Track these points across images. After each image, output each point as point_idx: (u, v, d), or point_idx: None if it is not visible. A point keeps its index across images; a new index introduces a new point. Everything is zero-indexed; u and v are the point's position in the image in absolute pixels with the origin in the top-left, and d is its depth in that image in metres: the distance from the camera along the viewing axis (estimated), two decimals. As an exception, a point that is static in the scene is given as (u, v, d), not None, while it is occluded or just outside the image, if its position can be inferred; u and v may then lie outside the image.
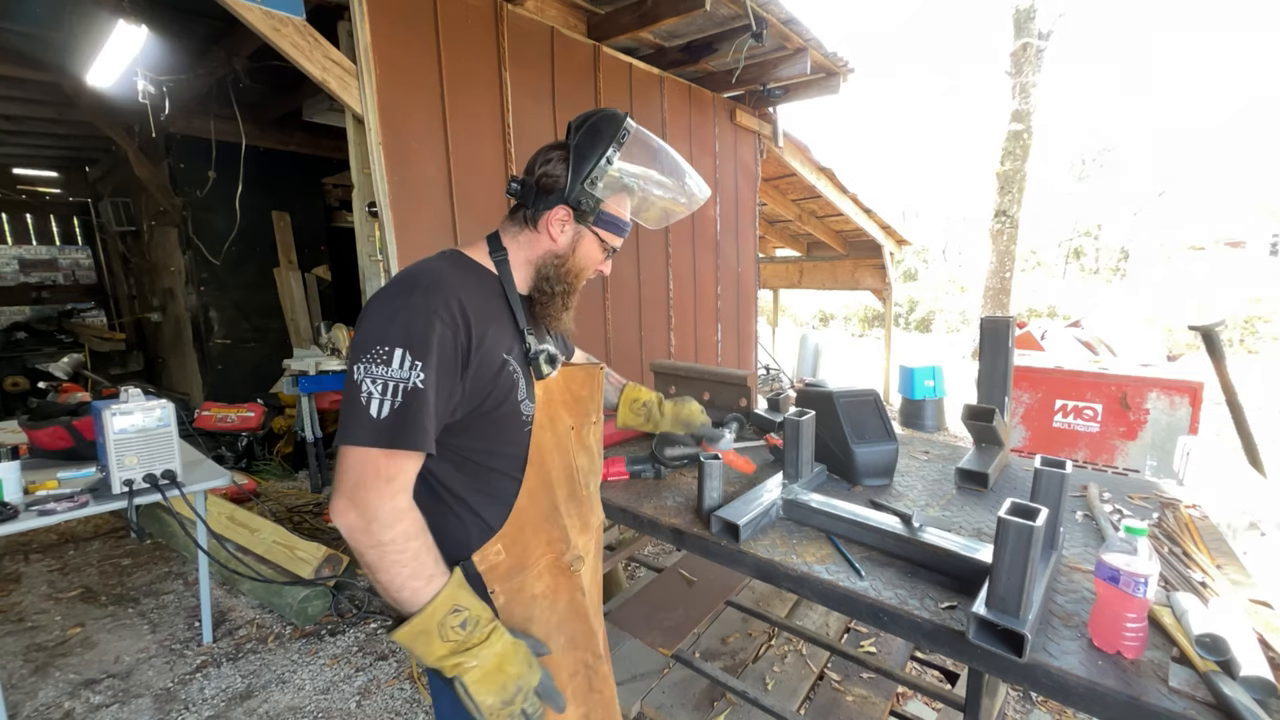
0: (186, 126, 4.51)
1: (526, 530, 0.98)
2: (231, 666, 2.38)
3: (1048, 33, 7.53)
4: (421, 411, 0.81)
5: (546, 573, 1.01)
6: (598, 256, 1.03)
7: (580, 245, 1.00)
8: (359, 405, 0.80)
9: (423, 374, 0.81)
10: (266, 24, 2.07)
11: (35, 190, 6.92)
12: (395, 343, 0.81)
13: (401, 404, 0.80)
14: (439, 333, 0.83)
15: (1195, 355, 6.71)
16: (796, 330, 12.16)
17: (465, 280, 0.92)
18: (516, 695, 0.85)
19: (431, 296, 0.85)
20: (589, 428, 1.10)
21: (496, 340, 0.91)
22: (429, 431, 0.83)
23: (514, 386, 0.93)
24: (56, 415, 2.34)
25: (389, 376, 0.80)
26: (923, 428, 5.29)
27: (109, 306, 7.24)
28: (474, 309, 0.88)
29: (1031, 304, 14.66)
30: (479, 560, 0.94)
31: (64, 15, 3.25)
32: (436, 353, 0.83)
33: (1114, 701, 0.77)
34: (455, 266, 0.95)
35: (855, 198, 6.15)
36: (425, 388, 0.81)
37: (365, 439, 0.80)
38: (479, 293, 0.92)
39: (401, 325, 0.82)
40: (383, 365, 0.81)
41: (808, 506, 1.27)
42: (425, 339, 0.82)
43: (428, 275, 0.89)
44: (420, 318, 0.83)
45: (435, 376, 0.83)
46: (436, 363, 0.83)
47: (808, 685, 1.84)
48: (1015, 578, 0.83)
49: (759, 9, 3.13)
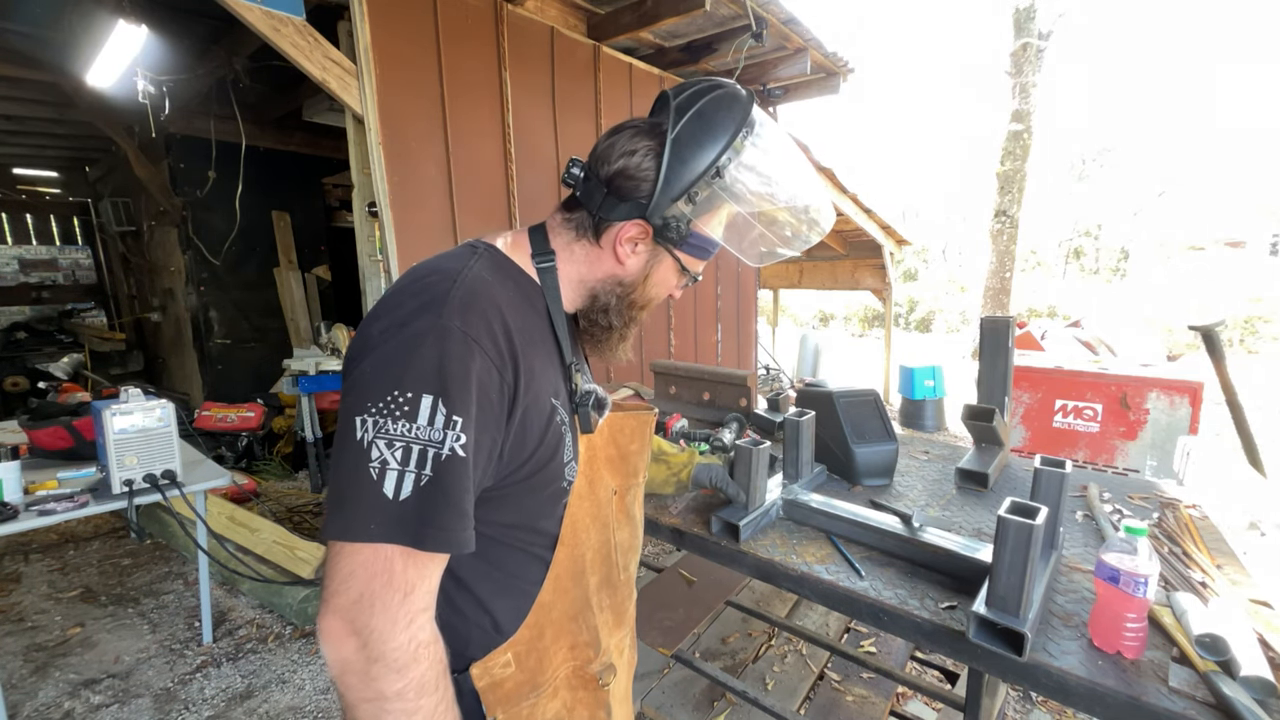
0: (186, 126, 4.51)
1: (547, 634, 0.73)
2: (231, 666, 2.38)
3: (1048, 33, 7.53)
4: (460, 490, 0.57)
5: (564, 687, 0.76)
6: (673, 282, 0.78)
7: (656, 271, 0.76)
8: (366, 480, 0.55)
9: (462, 435, 0.57)
10: (266, 24, 2.07)
11: (35, 190, 6.92)
12: (421, 387, 0.56)
13: (433, 480, 0.56)
14: (479, 370, 0.59)
15: (1195, 355, 6.71)
16: (796, 330, 12.17)
17: (509, 295, 0.67)
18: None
19: (469, 315, 0.60)
20: (634, 490, 0.86)
21: (543, 379, 0.67)
22: (469, 517, 0.59)
23: (560, 443, 0.69)
24: (56, 415, 2.34)
25: (413, 438, 0.55)
26: (923, 428, 5.29)
27: (109, 306, 7.24)
28: (520, 333, 0.65)
29: (1031, 304, 14.66)
30: (478, 675, 0.68)
31: (64, 15, 3.25)
32: (477, 400, 0.58)
33: (1114, 701, 0.77)
34: (494, 270, 0.69)
35: (855, 198, 6.15)
36: (467, 455, 0.57)
37: (378, 532, 0.54)
38: (522, 310, 0.68)
39: (429, 361, 0.57)
40: (403, 421, 0.55)
41: (808, 506, 1.27)
42: (463, 381, 0.57)
43: (461, 284, 0.63)
44: (456, 349, 0.58)
45: (479, 437, 0.59)
46: (477, 415, 0.58)
47: (808, 685, 1.84)
48: (1015, 577, 0.83)
49: (759, 9, 3.13)
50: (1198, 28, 45.14)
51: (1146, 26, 43.72)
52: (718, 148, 0.68)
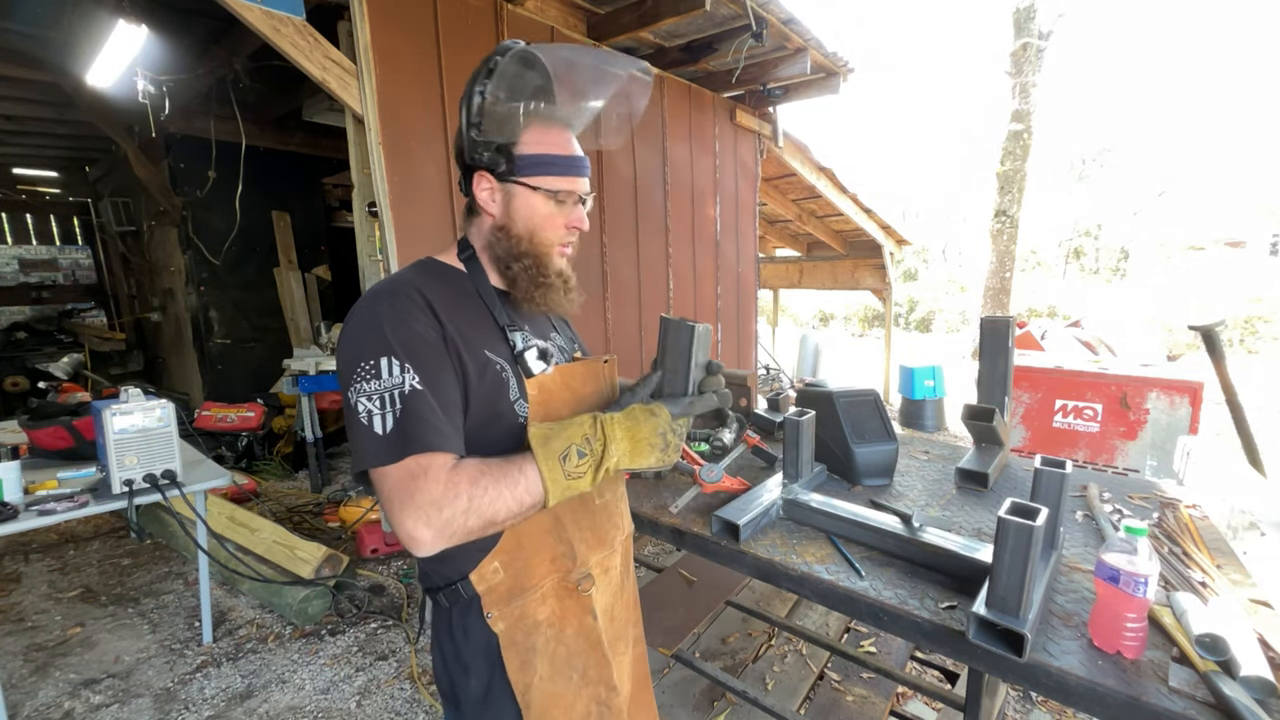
0: (186, 126, 4.51)
1: (526, 545, 0.88)
2: (231, 666, 2.38)
3: (1048, 33, 7.53)
4: (427, 411, 0.75)
5: (552, 595, 0.91)
6: (545, 209, 0.88)
7: (514, 205, 0.88)
8: (362, 429, 0.74)
9: (416, 374, 0.76)
10: (266, 24, 2.07)
11: (35, 190, 6.92)
12: (378, 352, 0.76)
13: (404, 410, 0.74)
14: (419, 328, 0.79)
15: (1195, 355, 6.71)
16: (796, 330, 12.16)
17: (431, 284, 0.85)
18: (667, 442, 0.85)
19: (398, 297, 0.81)
20: None
21: (476, 339, 0.84)
22: (444, 431, 0.76)
23: (504, 386, 0.85)
24: (56, 415, 2.34)
25: (382, 388, 0.75)
26: (923, 428, 5.29)
27: (109, 306, 7.24)
28: (444, 307, 0.83)
29: (1031, 304, 14.66)
30: (476, 580, 0.86)
31: (64, 15, 3.25)
32: (423, 348, 0.78)
33: (1114, 701, 0.77)
34: (420, 272, 0.88)
35: (855, 198, 6.15)
36: (424, 387, 0.76)
37: (380, 459, 0.74)
38: (450, 294, 0.86)
39: (379, 333, 0.77)
40: (373, 379, 0.75)
41: (808, 506, 1.27)
42: (408, 338, 0.77)
43: (389, 282, 0.84)
44: (395, 318, 0.78)
45: (431, 372, 0.77)
46: (428, 358, 0.78)
47: (808, 685, 1.84)
48: (1015, 577, 0.83)
49: (759, 9, 3.13)
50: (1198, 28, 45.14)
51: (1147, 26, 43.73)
52: (476, 83, 0.84)
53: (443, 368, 0.79)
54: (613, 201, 3.48)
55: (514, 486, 0.76)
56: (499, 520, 0.76)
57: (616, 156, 3.46)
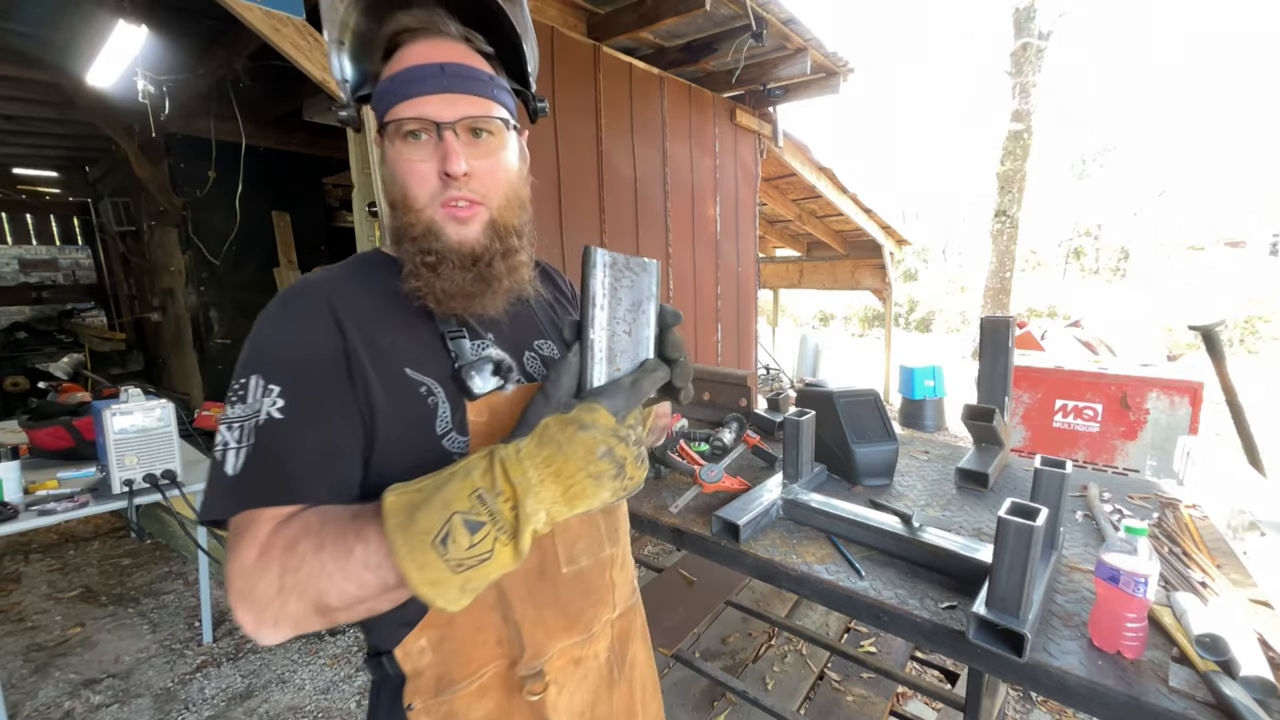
0: (186, 126, 4.51)
1: (460, 621, 0.66)
2: (231, 666, 2.38)
3: (1048, 33, 7.53)
4: (283, 448, 0.57)
5: (494, 689, 0.68)
6: (399, 155, 0.64)
7: (384, 164, 0.67)
8: (214, 464, 0.59)
9: (280, 399, 0.58)
10: (266, 24, 2.07)
11: (35, 190, 6.92)
12: (249, 369, 0.60)
13: (254, 447, 0.57)
14: (306, 338, 0.61)
15: (1195, 355, 6.71)
16: (796, 330, 12.17)
17: (354, 283, 0.67)
18: (618, 461, 0.53)
19: (293, 299, 0.64)
20: None
21: (396, 353, 0.64)
22: (297, 475, 0.57)
23: (429, 415, 0.64)
24: (56, 415, 2.34)
25: (244, 415, 0.58)
26: (923, 428, 5.29)
27: (109, 306, 7.24)
28: (359, 312, 0.64)
29: (1031, 304, 14.66)
30: (401, 658, 0.65)
31: (64, 15, 3.25)
32: (303, 365, 0.60)
33: (1114, 701, 0.77)
34: (350, 268, 0.70)
35: (855, 198, 6.15)
36: (285, 416, 0.57)
37: (220, 507, 0.57)
38: (379, 295, 0.67)
39: (256, 346, 0.61)
40: (238, 404, 0.59)
41: (808, 506, 1.27)
42: (284, 351, 0.60)
43: (299, 282, 0.67)
44: (274, 327, 0.62)
45: (307, 397, 0.59)
46: (307, 378, 0.59)
47: (808, 685, 1.84)
48: (1015, 578, 0.83)
49: (759, 9, 3.13)
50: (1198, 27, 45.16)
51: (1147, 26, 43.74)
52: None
53: (329, 391, 0.60)
54: (613, 201, 3.48)
55: (345, 557, 0.51)
56: (333, 605, 0.52)
57: (616, 156, 3.46)
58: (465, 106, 0.64)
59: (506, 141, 0.68)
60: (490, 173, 0.66)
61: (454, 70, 0.63)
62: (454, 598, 0.50)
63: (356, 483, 0.61)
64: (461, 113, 0.63)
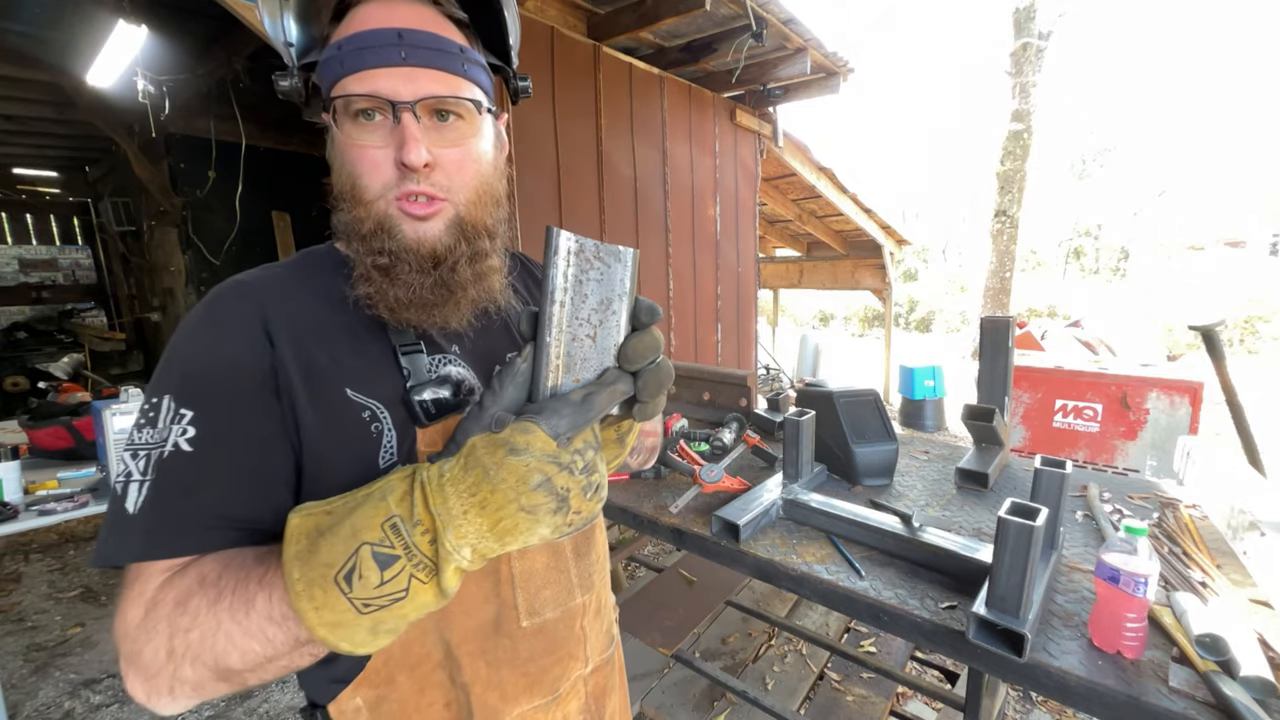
0: (186, 126, 4.51)
1: (400, 681, 0.57)
2: (231, 666, 2.39)
3: (1048, 33, 7.53)
4: (188, 489, 0.49)
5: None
6: (347, 139, 0.54)
7: (332, 147, 0.58)
8: (114, 497, 0.50)
9: (190, 427, 0.49)
10: (266, 24, 2.07)
11: (35, 190, 6.92)
12: (161, 389, 0.51)
13: (155, 484, 0.48)
14: (221, 353, 0.51)
15: (1195, 355, 6.71)
16: (796, 330, 12.17)
17: (295, 285, 0.58)
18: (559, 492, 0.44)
19: (214, 307, 0.54)
20: None
21: (340, 369, 0.55)
22: (194, 519, 0.49)
23: (372, 445, 0.55)
24: (56, 415, 2.34)
25: (152, 443, 0.50)
26: (923, 428, 5.29)
27: (109, 306, 7.24)
28: (297, 321, 0.55)
29: (1031, 304, 14.67)
30: (336, 714, 0.57)
31: (64, 15, 3.25)
32: (219, 384, 0.51)
33: (1114, 701, 0.77)
34: (293, 267, 0.60)
35: (855, 198, 6.15)
36: (195, 449, 0.49)
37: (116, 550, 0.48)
38: (324, 301, 0.57)
39: (171, 361, 0.52)
40: (147, 428, 0.50)
41: (808, 506, 1.27)
42: (197, 369, 0.51)
43: (229, 282, 0.56)
44: (192, 339, 0.52)
45: (219, 424, 0.50)
46: (223, 400, 0.50)
47: (808, 685, 1.84)
48: (1015, 578, 0.83)
49: (759, 9, 3.13)
50: (1198, 27, 45.17)
51: (1147, 26, 43.75)
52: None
53: (251, 417, 0.51)
54: (613, 201, 3.48)
55: (246, 610, 0.44)
56: (236, 667, 0.45)
57: (617, 156, 3.46)
58: (428, 83, 0.53)
59: (479, 127, 0.57)
60: (457, 164, 0.56)
61: (416, 39, 0.52)
62: (362, 640, 0.43)
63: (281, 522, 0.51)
64: (424, 91, 0.53)
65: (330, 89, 0.54)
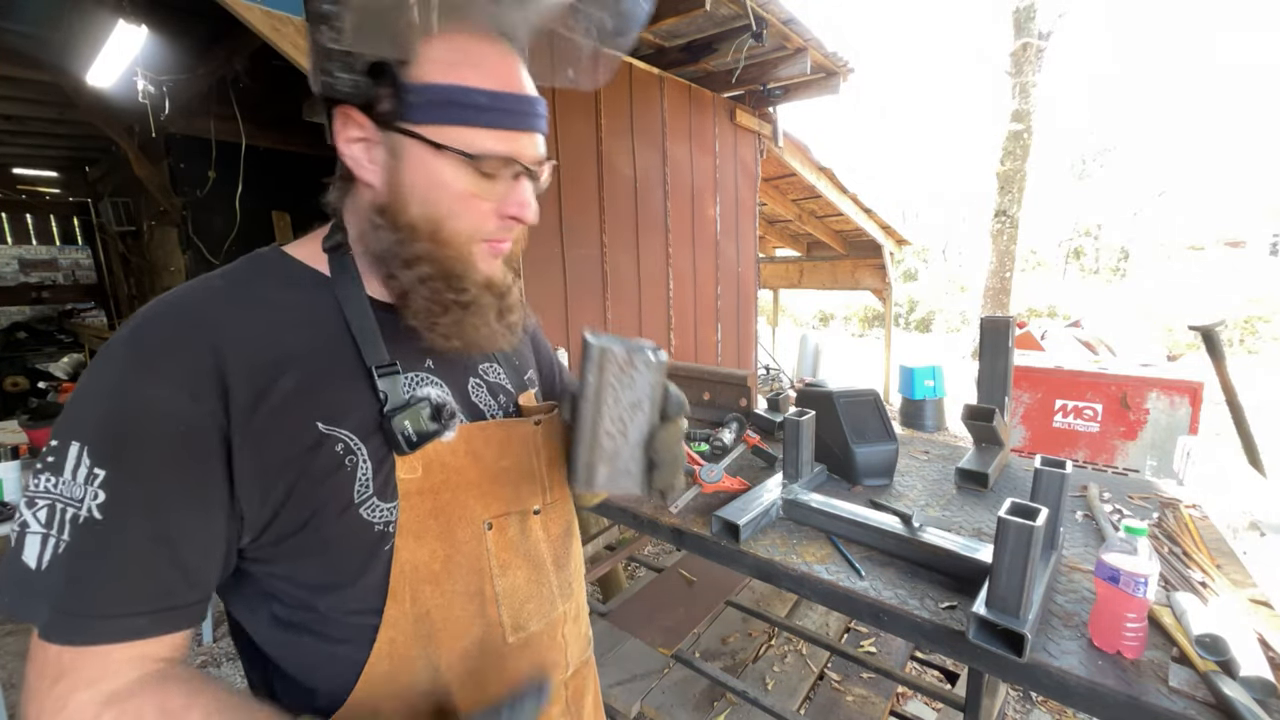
0: (186, 126, 4.51)
1: (385, 711, 0.56)
2: (231, 666, 2.38)
3: (1048, 33, 7.53)
4: (105, 566, 0.45)
5: None
6: (460, 183, 0.52)
7: (403, 172, 0.52)
8: (11, 544, 0.46)
9: (102, 492, 0.44)
10: (266, 24, 2.07)
11: (35, 190, 6.92)
12: (72, 433, 0.46)
13: (69, 548, 0.44)
14: (152, 404, 0.46)
15: (1195, 355, 6.71)
16: (796, 330, 12.17)
17: (243, 304, 0.52)
18: None
19: (148, 342, 0.48)
20: (530, 520, 0.65)
21: (308, 398, 0.51)
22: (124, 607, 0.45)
23: (344, 479, 0.52)
24: (56, 415, 2.34)
25: (56, 494, 0.45)
26: (923, 428, 5.29)
27: (109, 306, 7.24)
28: (258, 349, 0.50)
29: (1031, 304, 14.67)
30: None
31: (64, 15, 3.25)
32: (150, 441, 0.46)
33: (1114, 701, 0.77)
34: (240, 279, 0.55)
35: (855, 197, 6.15)
36: (114, 518, 0.45)
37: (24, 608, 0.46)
38: (279, 321, 0.53)
39: (84, 403, 0.47)
40: (48, 474, 0.45)
41: (808, 506, 1.27)
42: (120, 425, 0.46)
43: (164, 307, 0.50)
44: (119, 380, 0.47)
45: (140, 490, 0.45)
46: (145, 463, 0.46)
47: (808, 685, 1.84)
48: (1015, 578, 0.83)
49: (759, 9, 3.13)
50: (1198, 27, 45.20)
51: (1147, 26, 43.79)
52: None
53: (178, 481, 0.47)
54: (612, 201, 3.48)
55: None
56: None
57: (616, 156, 3.46)
58: (540, 147, 0.56)
59: None
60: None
61: (539, 106, 0.55)
62: None
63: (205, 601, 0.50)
64: (540, 155, 0.55)
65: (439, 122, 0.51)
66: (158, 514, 0.46)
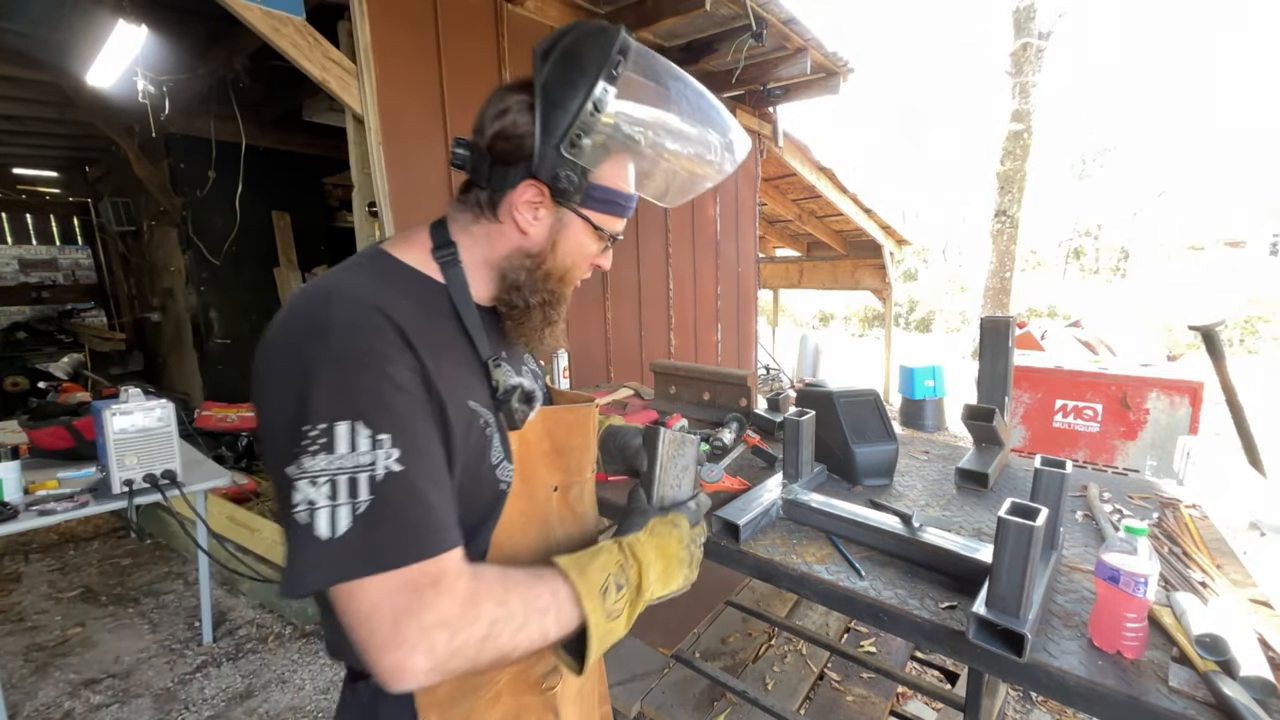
0: (186, 126, 4.51)
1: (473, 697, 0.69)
2: (232, 666, 2.38)
3: (1048, 33, 7.53)
4: (416, 501, 0.55)
5: (507, 693, 0.72)
6: (591, 249, 0.74)
7: (564, 236, 0.71)
8: (298, 529, 0.52)
9: (395, 449, 0.54)
10: (266, 24, 2.07)
11: (35, 190, 6.92)
12: (335, 414, 0.53)
13: (374, 505, 0.52)
14: (395, 374, 0.56)
15: (1195, 355, 6.71)
16: (796, 330, 12.17)
17: (393, 296, 0.62)
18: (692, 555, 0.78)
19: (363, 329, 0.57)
20: (578, 487, 0.83)
21: (455, 380, 0.64)
22: (446, 524, 0.57)
23: (486, 445, 0.66)
24: (56, 415, 2.34)
25: (342, 469, 0.52)
26: (923, 428, 5.29)
27: (109, 306, 7.24)
28: (419, 338, 0.60)
29: (1031, 304, 14.66)
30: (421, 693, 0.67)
31: (64, 15, 3.25)
32: (403, 407, 0.56)
33: (1114, 701, 0.77)
34: (377, 278, 0.65)
35: (855, 198, 6.15)
36: (408, 466, 0.54)
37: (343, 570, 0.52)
38: (417, 312, 0.63)
39: (330, 385, 0.54)
40: (322, 454, 0.52)
41: (808, 506, 1.27)
42: (379, 391, 0.55)
43: (340, 298, 0.59)
44: (355, 357, 0.55)
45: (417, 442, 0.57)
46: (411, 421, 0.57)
47: (808, 685, 1.84)
48: (1015, 578, 0.83)
49: (759, 9, 3.13)
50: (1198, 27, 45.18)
51: (1147, 26, 43.80)
52: (588, 81, 0.63)
53: (429, 432, 0.59)
54: (613, 201, 3.47)
55: (542, 615, 0.59)
56: (513, 657, 0.58)
57: (616, 156, 3.46)
58: None
59: None
60: None
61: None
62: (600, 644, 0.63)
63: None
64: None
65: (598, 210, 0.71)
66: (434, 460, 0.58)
